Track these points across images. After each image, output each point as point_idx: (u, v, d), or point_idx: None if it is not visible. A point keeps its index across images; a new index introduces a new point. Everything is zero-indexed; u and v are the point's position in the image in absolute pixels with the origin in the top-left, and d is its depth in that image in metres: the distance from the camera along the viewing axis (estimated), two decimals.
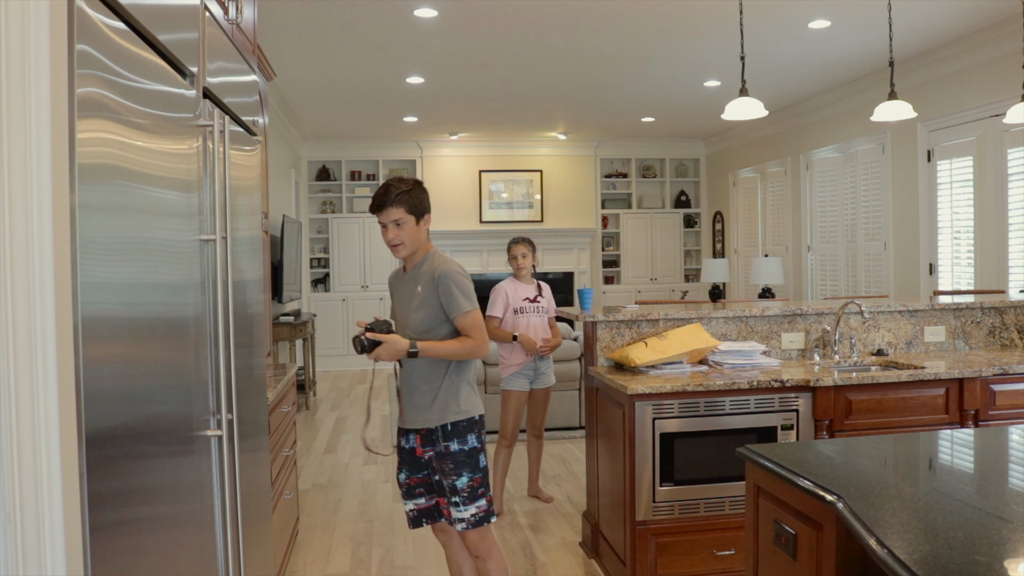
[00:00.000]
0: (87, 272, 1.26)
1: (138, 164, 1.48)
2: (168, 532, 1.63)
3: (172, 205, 1.69)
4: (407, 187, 2.84)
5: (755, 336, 4.02)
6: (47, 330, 1.19)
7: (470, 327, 2.83)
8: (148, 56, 1.54)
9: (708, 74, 7.26)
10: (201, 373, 1.90)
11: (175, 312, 1.71)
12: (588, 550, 4.02)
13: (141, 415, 1.50)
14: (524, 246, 4.73)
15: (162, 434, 1.62)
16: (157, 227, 1.60)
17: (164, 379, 1.64)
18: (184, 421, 1.77)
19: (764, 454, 2.05)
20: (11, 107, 1.16)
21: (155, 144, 1.57)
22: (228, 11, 2.64)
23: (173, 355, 1.70)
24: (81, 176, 1.24)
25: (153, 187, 1.57)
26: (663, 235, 11.50)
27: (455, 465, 2.83)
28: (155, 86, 1.58)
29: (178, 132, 1.73)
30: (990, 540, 1.44)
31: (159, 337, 1.61)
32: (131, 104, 1.44)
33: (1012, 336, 4.24)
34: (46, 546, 1.18)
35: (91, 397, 1.25)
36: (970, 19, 5.67)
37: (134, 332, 1.48)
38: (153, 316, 1.57)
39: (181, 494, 1.73)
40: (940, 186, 6.60)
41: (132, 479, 1.44)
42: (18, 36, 1.17)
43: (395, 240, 2.84)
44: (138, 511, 1.47)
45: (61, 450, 1.19)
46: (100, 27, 1.31)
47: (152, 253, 1.57)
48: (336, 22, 5.54)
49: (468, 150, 11.14)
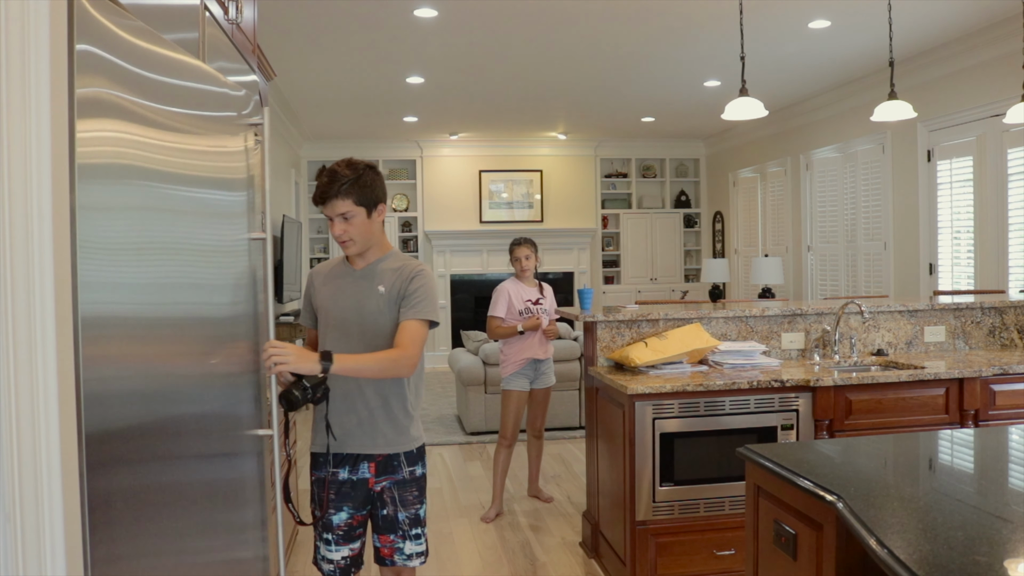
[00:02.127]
0: (106, 272, 1.26)
1: (154, 162, 1.47)
2: (211, 528, 1.64)
3: (213, 204, 1.68)
4: (355, 174, 2.39)
5: (755, 336, 4.02)
6: (47, 330, 1.19)
7: (413, 338, 2.38)
8: (180, 56, 1.54)
9: (708, 74, 7.26)
10: (248, 373, 1.89)
11: (218, 312, 1.70)
12: (588, 550, 4.02)
13: (188, 413, 1.50)
14: (527, 247, 4.71)
15: (215, 432, 1.61)
16: (190, 226, 1.59)
17: (209, 380, 1.63)
18: (234, 420, 1.76)
19: (764, 454, 2.05)
20: (11, 107, 1.16)
21: (190, 143, 1.57)
22: (228, 11, 2.63)
23: (224, 355, 1.70)
24: (92, 176, 1.24)
25: (188, 187, 1.56)
26: (663, 235, 11.49)
27: (419, 492, 2.54)
28: (197, 85, 1.58)
29: (224, 131, 1.73)
30: (990, 540, 1.44)
31: (196, 337, 1.61)
32: (140, 101, 1.43)
33: (1012, 336, 4.24)
34: (46, 546, 1.18)
35: (111, 397, 1.27)
36: (970, 19, 5.67)
37: (176, 331, 1.49)
38: (192, 316, 1.58)
39: (233, 491, 1.73)
40: (940, 186, 6.60)
41: (186, 475, 1.45)
42: (18, 35, 1.17)
43: (343, 236, 2.41)
44: (186, 509, 1.48)
45: (61, 450, 1.19)
46: (107, 25, 1.31)
47: (186, 252, 1.56)
48: (336, 22, 5.53)
49: (468, 150, 11.14)
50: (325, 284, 2.57)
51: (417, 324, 2.41)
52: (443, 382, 9.13)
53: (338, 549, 2.51)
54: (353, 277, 2.52)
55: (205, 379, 1.67)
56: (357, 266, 2.53)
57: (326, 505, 2.50)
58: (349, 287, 2.51)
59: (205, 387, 1.68)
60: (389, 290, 2.47)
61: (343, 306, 2.48)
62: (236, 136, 1.82)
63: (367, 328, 2.46)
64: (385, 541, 2.53)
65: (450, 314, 10.91)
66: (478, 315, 10.59)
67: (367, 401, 2.47)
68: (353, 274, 2.52)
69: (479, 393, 6.59)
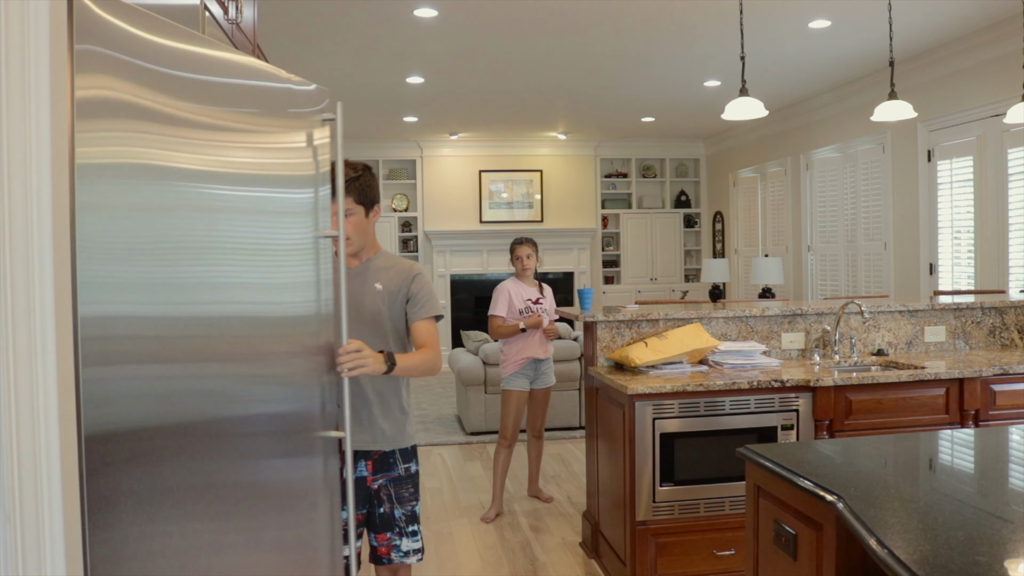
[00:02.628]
0: (119, 272, 1.26)
1: (199, 163, 1.46)
2: (275, 528, 1.64)
3: (266, 203, 1.67)
4: (356, 173, 2.43)
5: (755, 336, 4.02)
6: (47, 329, 1.18)
7: (433, 336, 2.51)
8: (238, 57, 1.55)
9: (708, 74, 7.26)
10: (311, 372, 1.87)
11: (270, 311, 1.69)
12: (588, 550, 4.02)
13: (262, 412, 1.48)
14: (528, 247, 4.71)
15: (279, 434, 1.60)
16: (235, 225, 1.58)
17: (252, 380, 1.62)
18: (309, 422, 1.75)
19: (764, 454, 2.05)
20: (11, 107, 1.16)
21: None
22: (228, 11, 2.63)
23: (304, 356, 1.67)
24: (102, 175, 1.24)
25: (231, 186, 1.56)
26: (663, 235, 11.49)
27: (415, 489, 2.58)
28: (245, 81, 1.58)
29: (284, 127, 1.72)
30: (990, 540, 1.44)
31: (241, 337, 1.59)
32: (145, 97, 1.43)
33: (1012, 336, 4.24)
34: (46, 546, 1.18)
35: (122, 397, 1.27)
36: (970, 19, 5.67)
37: (213, 331, 1.48)
38: (234, 315, 1.57)
39: (300, 493, 1.72)
40: (940, 186, 6.60)
41: (272, 475, 1.42)
42: (18, 35, 1.17)
43: (346, 234, 2.38)
44: (255, 505, 1.46)
45: (61, 450, 1.19)
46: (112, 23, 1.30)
47: (226, 251, 1.55)
48: (336, 22, 5.53)
49: (468, 150, 11.14)
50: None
51: (431, 323, 2.53)
52: (443, 382, 9.13)
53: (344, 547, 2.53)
54: (349, 275, 2.52)
55: (254, 379, 1.63)
56: (351, 264, 2.56)
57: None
58: (347, 283, 2.52)
59: (253, 387, 1.64)
60: (387, 287, 2.52)
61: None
62: (299, 132, 1.78)
63: (364, 325, 2.47)
64: (382, 539, 2.55)
65: (450, 314, 10.91)
66: (478, 315, 10.59)
67: (366, 399, 2.50)
68: (348, 272, 2.53)
69: (479, 393, 6.59)
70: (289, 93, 1.76)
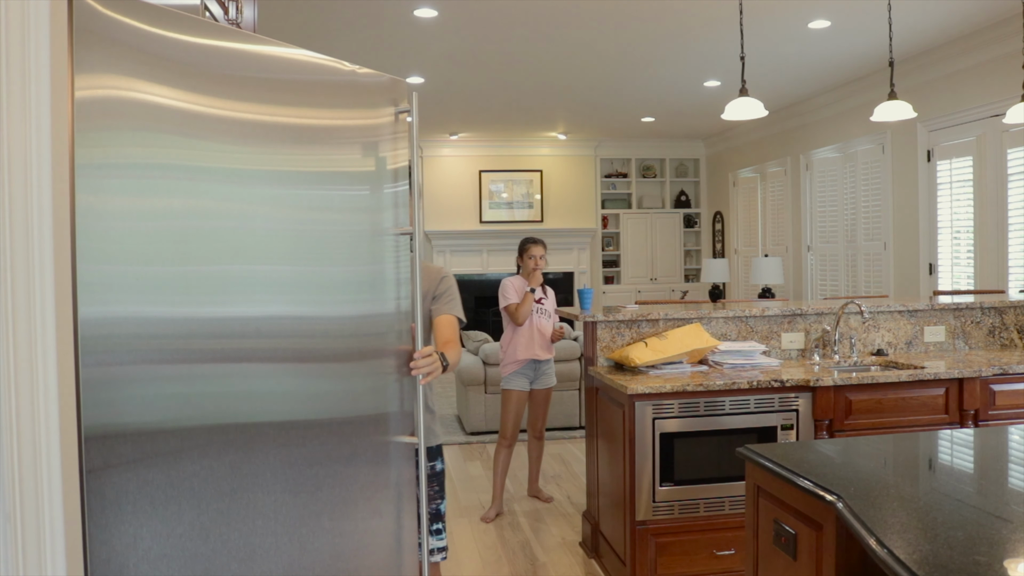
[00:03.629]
0: (129, 272, 1.27)
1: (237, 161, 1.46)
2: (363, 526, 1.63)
3: (322, 200, 1.65)
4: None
5: (755, 336, 4.02)
6: (47, 330, 1.18)
7: (457, 332, 2.55)
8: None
9: (708, 74, 7.26)
10: (388, 376, 1.83)
11: (346, 311, 1.67)
12: (588, 550, 4.02)
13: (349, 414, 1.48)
14: (542, 247, 4.69)
15: (336, 438, 1.58)
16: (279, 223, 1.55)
17: (367, 382, 1.61)
18: (382, 425, 1.73)
19: (764, 454, 2.05)
20: (11, 107, 1.16)
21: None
22: (228, 11, 2.63)
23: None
24: (118, 175, 1.24)
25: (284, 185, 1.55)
26: (663, 235, 11.49)
27: (440, 487, 2.60)
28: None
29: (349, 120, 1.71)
30: (990, 540, 1.44)
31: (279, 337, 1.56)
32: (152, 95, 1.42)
33: (1012, 336, 4.24)
34: (46, 546, 1.18)
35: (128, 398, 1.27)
36: (970, 19, 5.67)
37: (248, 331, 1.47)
38: (306, 315, 1.56)
39: (367, 501, 1.70)
40: (940, 186, 6.60)
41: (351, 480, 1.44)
42: (18, 35, 1.17)
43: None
44: (316, 511, 1.47)
45: (61, 450, 1.19)
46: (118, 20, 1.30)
47: (265, 250, 1.53)
48: (336, 22, 5.54)
49: (468, 150, 11.14)
50: None
51: (455, 320, 2.56)
52: (443, 382, 9.13)
53: None
54: None
55: (301, 381, 1.59)
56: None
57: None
58: None
59: (300, 389, 1.59)
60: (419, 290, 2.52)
61: None
62: (363, 125, 1.73)
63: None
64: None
65: None
66: (478, 315, 10.59)
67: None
68: None
69: (479, 393, 6.59)
70: (352, 86, 1.72)
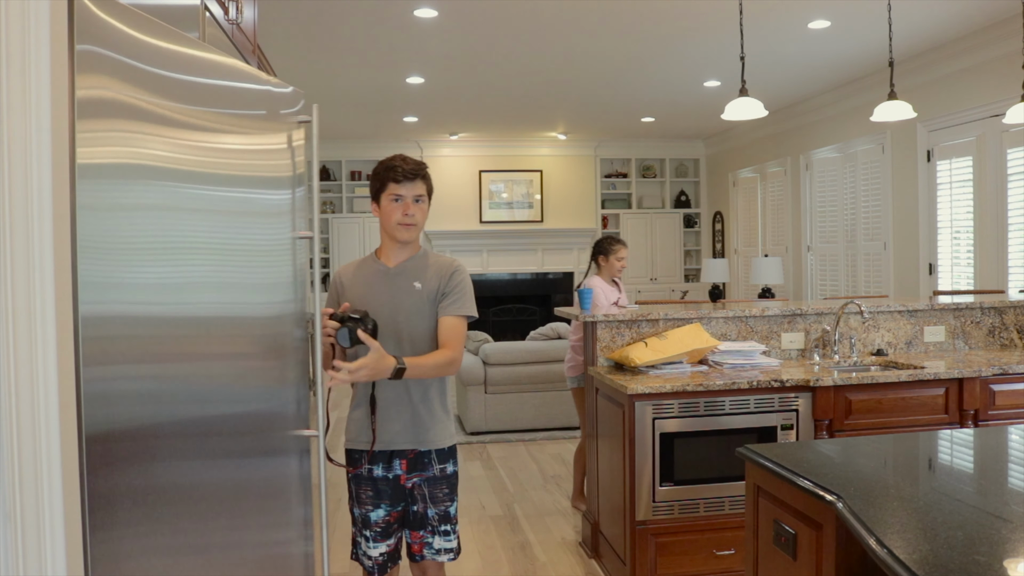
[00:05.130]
0: (115, 272, 1.26)
1: (189, 163, 1.47)
2: (255, 527, 1.64)
3: (250, 204, 1.67)
4: (423, 166, 2.50)
5: (755, 336, 4.02)
6: (47, 329, 1.19)
7: (459, 336, 2.47)
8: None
9: (708, 74, 7.26)
10: (290, 373, 1.87)
11: (254, 311, 1.69)
12: (588, 550, 4.02)
13: (238, 412, 1.49)
14: (626, 248, 4.68)
15: (256, 433, 1.61)
16: (221, 226, 1.59)
17: (235, 379, 1.63)
18: (281, 422, 1.76)
19: (764, 454, 2.05)
20: (11, 107, 1.16)
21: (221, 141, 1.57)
22: (228, 11, 2.63)
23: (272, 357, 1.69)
24: (98, 175, 1.24)
25: (219, 187, 1.56)
26: (663, 235, 11.49)
27: (450, 490, 2.56)
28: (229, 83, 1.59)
29: (265, 128, 1.72)
30: (990, 540, 1.44)
31: (226, 337, 1.60)
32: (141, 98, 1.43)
33: (1012, 336, 4.24)
34: (46, 546, 1.18)
35: (117, 397, 1.26)
36: (970, 19, 5.67)
37: (201, 331, 1.49)
38: (222, 316, 1.57)
39: (275, 492, 1.72)
40: (940, 186, 6.60)
41: (252, 474, 1.44)
42: (18, 35, 1.17)
43: (412, 218, 2.44)
44: (236, 504, 1.47)
45: (61, 450, 1.19)
46: (111, 24, 1.31)
47: (216, 252, 1.56)
48: (336, 22, 5.53)
49: (468, 150, 11.14)
50: (355, 283, 2.55)
51: (460, 321, 2.48)
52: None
53: (376, 545, 2.54)
54: (388, 274, 2.52)
55: (238, 379, 1.64)
56: (391, 263, 2.53)
57: (369, 497, 2.54)
58: (383, 284, 2.51)
59: (238, 386, 1.65)
60: (426, 286, 2.49)
61: (379, 303, 2.46)
62: (279, 134, 1.80)
63: (402, 325, 2.47)
64: (415, 537, 2.55)
65: None
66: (479, 315, 10.58)
67: (409, 399, 2.50)
68: (388, 271, 2.52)
69: (479, 393, 6.59)
70: (270, 95, 1.77)
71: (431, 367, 2.40)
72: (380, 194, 2.48)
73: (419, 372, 2.38)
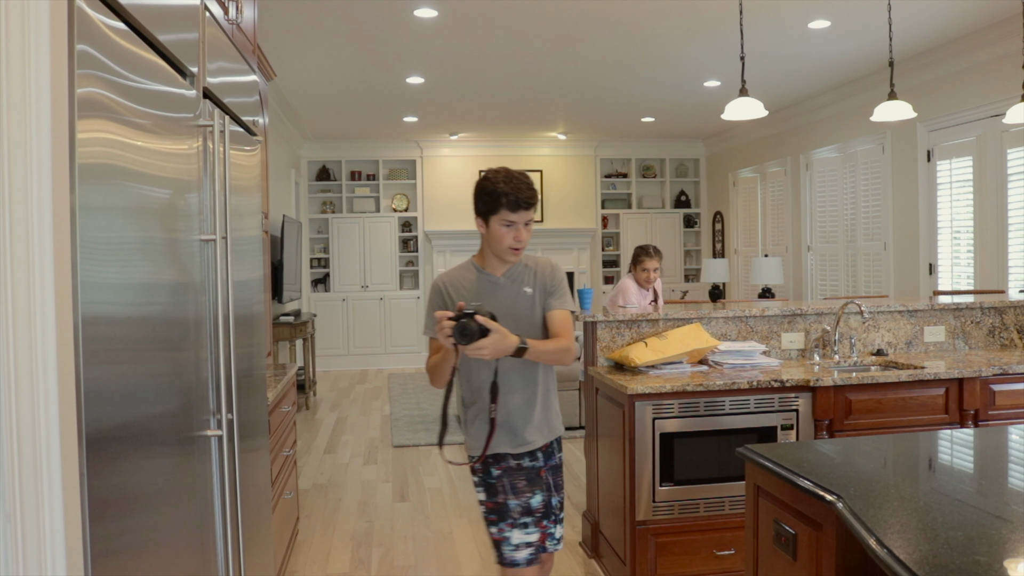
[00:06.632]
0: (88, 272, 1.25)
1: (139, 164, 1.48)
2: (168, 532, 1.62)
3: (172, 205, 1.69)
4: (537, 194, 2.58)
5: (755, 336, 4.02)
6: (47, 330, 1.19)
7: (570, 326, 2.57)
8: (149, 56, 1.54)
9: (708, 74, 7.26)
10: (201, 373, 1.89)
11: (175, 312, 1.70)
12: (588, 550, 4.02)
13: (141, 415, 1.48)
14: (658, 259, 4.67)
15: (162, 434, 1.60)
16: (158, 227, 1.59)
17: (165, 379, 1.63)
18: (184, 421, 1.76)
19: (764, 454, 2.05)
20: (11, 107, 1.16)
21: (156, 144, 1.57)
22: (228, 11, 2.64)
23: (174, 355, 1.69)
24: (82, 176, 1.23)
25: (154, 187, 1.56)
26: (663, 235, 11.49)
27: (562, 478, 2.69)
28: (155, 86, 1.57)
29: (179, 132, 1.72)
30: (990, 540, 1.44)
31: (159, 338, 1.60)
32: (132, 104, 1.44)
33: (1012, 336, 4.24)
34: (46, 546, 1.18)
35: (91, 397, 1.25)
36: (970, 19, 5.67)
37: (135, 332, 1.47)
38: (153, 316, 1.57)
39: (182, 494, 1.72)
40: (940, 186, 6.60)
41: (131, 478, 1.43)
42: (18, 36, 1.17)
43: (523, 243, 2.53)
44: (138, 511, 1.46)
45: (61, 450, 1.19)
46: (101, 27, 1.31)
47: (153, 253, 1.57)
48: (336, 22, 5.54)
49: (468, 150, 11.14)
50: (466, 293, 2.57)
51: (567, 314, 2.57)
52: None
53: (535, 531, 2.57)
54: (500, 283, 2.59)
55: (170, 379, 1.66)
56: (499, 272, 2.60)
57: (526, 486, 2.59)
58: (499, 293, 2.57)
59: (172, 388, 1.67)
60: (535, 289, 2.59)
61: (498, 312, 2.45)
62: (191, 138, 1.81)
63: (521, 330, 2.50)
64: (542, 527, 2.60)
65: None
66: None
67: (538, 392, 2.61)
68: (499, 281, 2.59)
69: None
70: (183, 99, 1.75)
71: (551, 351, 2.47)
72: (490, 216, 2.52)
73: (539, 354, 2.44)
